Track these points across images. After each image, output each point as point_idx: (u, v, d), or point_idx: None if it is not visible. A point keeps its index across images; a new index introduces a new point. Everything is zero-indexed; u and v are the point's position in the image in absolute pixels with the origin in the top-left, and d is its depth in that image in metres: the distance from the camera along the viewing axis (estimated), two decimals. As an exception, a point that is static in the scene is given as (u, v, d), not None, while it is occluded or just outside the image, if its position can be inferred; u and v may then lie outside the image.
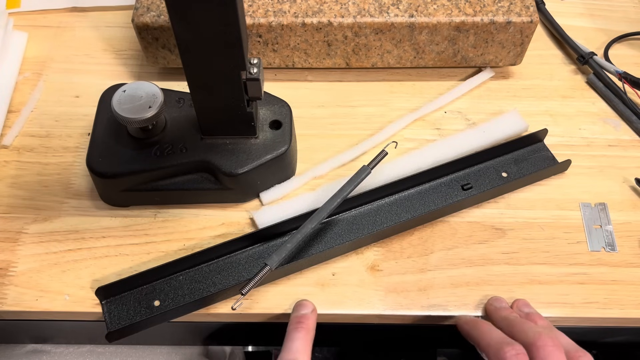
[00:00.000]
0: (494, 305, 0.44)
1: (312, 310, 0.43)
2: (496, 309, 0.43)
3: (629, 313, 0.45)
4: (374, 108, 0.56)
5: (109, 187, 0.47)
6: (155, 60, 0.55)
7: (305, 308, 0.43)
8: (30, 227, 0.48)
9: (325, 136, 0.54)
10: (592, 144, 0.54)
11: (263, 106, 0.49)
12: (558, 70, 0.59)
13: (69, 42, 0.60)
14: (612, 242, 0.48)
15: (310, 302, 0.44)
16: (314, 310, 0.43)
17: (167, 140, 0.46)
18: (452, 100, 0.56)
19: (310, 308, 0.43)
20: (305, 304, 0.44)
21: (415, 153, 0.52)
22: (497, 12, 0.52)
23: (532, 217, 0.49)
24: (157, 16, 0.51)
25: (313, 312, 0.43)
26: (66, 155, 0.52)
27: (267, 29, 0.52)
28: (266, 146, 0.47)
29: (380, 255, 0.47)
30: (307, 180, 0.51)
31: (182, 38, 0.39)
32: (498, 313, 0.43)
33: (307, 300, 0.44)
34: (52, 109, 0.55)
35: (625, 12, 0.64)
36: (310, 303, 0.44)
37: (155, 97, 0.44)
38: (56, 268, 0.46)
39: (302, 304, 0.44)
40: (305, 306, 0.44)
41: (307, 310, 0.43)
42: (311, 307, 0.44)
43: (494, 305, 0.44)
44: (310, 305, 0.44)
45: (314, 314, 0.43)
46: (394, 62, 0.56)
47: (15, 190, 0.50)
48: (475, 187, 0.50)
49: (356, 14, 0.52)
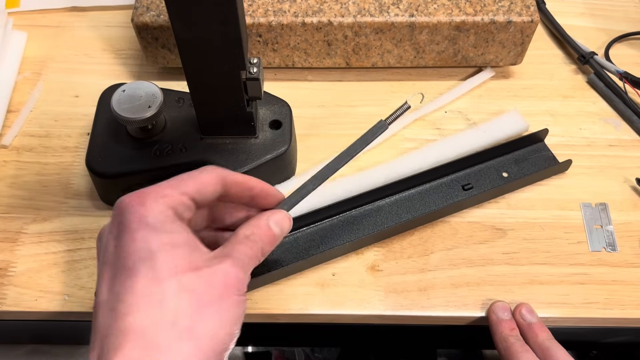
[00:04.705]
0: (497, 314, 0.43)
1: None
2: (498, 320, 0.43)
3: (629, 313, 0.45)
4: (374, 108, 0.55)
5: (108, 187, 0.47)
6: (155, 59, 0.55)
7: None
8: (29, 227, 0.48)
9: (325, 136, 0.54)
10: (593, 143, 0.54)
11: (263, 106, 0.48)
12: (559, 70, 0.59)
13: (68, 42, 0.60)
14: (613, 242, 0.48)
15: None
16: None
17: (166, 140, 0.46)
18: (453, 100, 0.56)
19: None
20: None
21: (415, 153, 0.51)
22: (497, 11, 0.52)
23: (533, 217, 0.49)
24: (156, 16, 0.51)
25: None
26: (65, 155, 0.52)
27: (267, 28, 0.52)
28: (266, 146, 0.47)
29: (381, 255, 0.47)
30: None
31: (182, 38, 0.39)
32: (499, 329, 0.43)
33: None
34: (51, 109, 0.55)
35: (626, 12, 0.64)
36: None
37: (154, 96, 0.44)
38: (56, 268, 0.46)
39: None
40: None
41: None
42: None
43: (497, 315, 0.43)
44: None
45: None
46: (394, 62, 0.56)
47: (14, 190, 0.50)
48: (475, 187, 0.50)
49: (356, 14, 0.51)
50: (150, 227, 0.29)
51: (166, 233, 0.29)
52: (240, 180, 0.34)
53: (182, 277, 0.28)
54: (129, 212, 0.30)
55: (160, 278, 0.28)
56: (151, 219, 0.29)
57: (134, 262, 0.28)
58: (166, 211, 0.30)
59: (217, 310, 0.29)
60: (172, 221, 0.30)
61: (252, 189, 0.35)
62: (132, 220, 0.29)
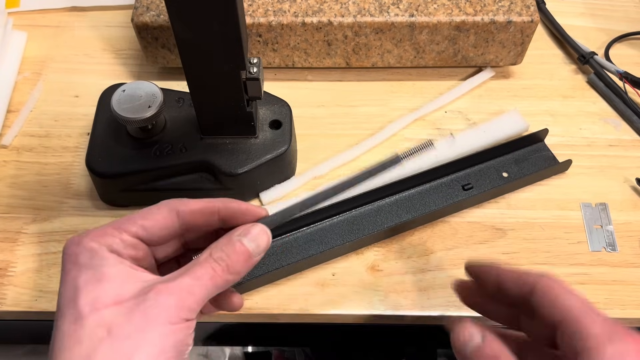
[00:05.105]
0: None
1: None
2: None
3: (629, 313, 0.45)
4: (374, 108, 0.55)
5: (108, 187, 0.47)
6: (155, 59, 0.55)
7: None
8: (29, 227, 0.48)
9: (325, 136, 0.54)
10: (593, 143, 0.54)
11: (263, 106, 0.48)
12: (559, 70, 0.59)
13: (68, 42, 0.60)
14: (613, 242, 0.48)
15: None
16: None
17: (166, 140, 0.46)
18: (453, 100, 0.56)
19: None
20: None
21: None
22: (497, 11, 0.52)
23: (533, 217, 0.49)
24: (156, 16, 0.51)
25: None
26: (65, 155, 0.52)
27: (267, 28, 0.52)
28: (266, 146, 0.47)
29: (381, 255, 0.47)
30: (307, 180, 0.50)
31: (182, 38, 0.39)
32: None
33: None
34: (51, 109, 0.55)
35: (626, 12, 0.64)
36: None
37: (154, 96, 0.44)
38: (55, 268, 0.46)
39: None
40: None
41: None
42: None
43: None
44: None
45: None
46: (394, 62, 0.56)
47: (14, 190, 0.50)
48: (475, 187, 0.50)
49: (356, 14, 0.51)
50: (80, 265, 0.29)
51: (93, 269, 0.29)
52: (196, 208, 0.33)
53: (103, 311, 0.28)
54: (65, 253, 0.30)
55: (82, 315, 0.28)
56: (82, 258, 0.29)
57: (62, 302, 0.29)
58: (99, 248, 0.30)
59: (135, 343, 0.27)
60: (103, 257, 0.30)
61: (218, 212, 0.33)
62: (67, 261, 0.30)
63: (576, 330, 0.28)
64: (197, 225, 0.33)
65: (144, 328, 0.28)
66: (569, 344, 0.28)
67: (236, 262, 0.31)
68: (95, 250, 0.30)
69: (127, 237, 0.31)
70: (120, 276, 0.29)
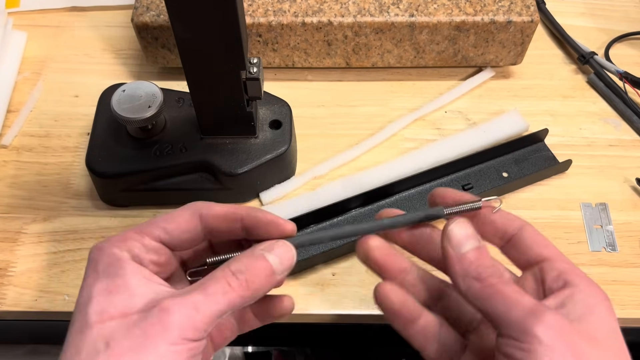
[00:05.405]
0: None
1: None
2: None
3: (629, 313, 0.45)
4: (374, 108, 0.55)
5: (108, 187, 0.47)
6: (155, 59, 0.55)
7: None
8: (29, 227, 0.48)
9: (325, 136, 0.53)
10: (593, 143, 0.54)
11: (263, 106, 0.48)
12: (558, 70, 0.59)
13: (68, 42, 0.60)
14: (613, 242, 0.48)
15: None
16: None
17: (166, 140, 0.46)
18: (453, 100, 0.56)
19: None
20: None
21: (415, 153, 0.51)
22: (497, 11, 0.52)
23: (533, 217, 0.49)
24: (156, 15, 0.51)
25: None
26: (65, 155, 0.52)
27: (267, 28, 0.52)
28: (266, 146, 0.47)
29: (381, 255, 0.47)
30: (307, 180, 0.50)
31: (182, 38, 0.39)
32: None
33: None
34: (51, 109, 0.55)
35: (626, 12, 0.64)
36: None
37: (154, 96, 0.44)
38: (55, 268, 0.46)
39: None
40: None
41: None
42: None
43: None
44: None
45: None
46: (394, 62, 0.56)
47: (14, 190, 0.50)
48: (475, 187, 0.50)
49: (356, 14, 0.51)
50: (98, 272, 0.29)
51: (108, 278, 0.28)
52: (219, 212, 0.31)
53: (107, 323, 0.27)
54: (89, 259, 0.30)
55: (88, 325, 0.27)
56: (101, 265, 0.29)
57: (76, 308, 0.28)
58: (120, 254, 0.29)
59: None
60: (121, 266, 0.29)
61: (241, 220, 0.31)
62: (88, 267, 0.29)
63: (567, 266, 0.33)
64: (220, 231, 0.32)
65: (139, 347, 0.26)
66: (556, 276, 0.32)
67: (256, 277, 0.29)
68: (116, 257, 0.29)
69: (149, 241, 0.30)
70: (133, 287, 0.28)
